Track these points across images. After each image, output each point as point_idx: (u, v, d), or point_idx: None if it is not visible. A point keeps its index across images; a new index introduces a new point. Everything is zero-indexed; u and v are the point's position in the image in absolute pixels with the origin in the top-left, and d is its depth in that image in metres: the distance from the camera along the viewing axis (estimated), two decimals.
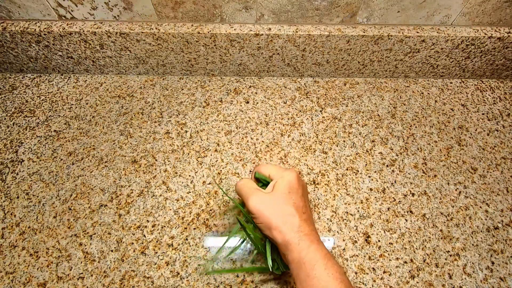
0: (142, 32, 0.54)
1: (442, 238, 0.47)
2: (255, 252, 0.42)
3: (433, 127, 0.58)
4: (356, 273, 0.44)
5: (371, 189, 0.51)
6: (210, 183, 0.51)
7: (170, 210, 0.48)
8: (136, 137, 0.55)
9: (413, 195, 0.50)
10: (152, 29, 0.54)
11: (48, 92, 0.61)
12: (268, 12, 0.54)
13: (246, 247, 0.44)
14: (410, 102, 0.61)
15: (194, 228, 0.47)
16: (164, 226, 0.47)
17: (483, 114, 0.60)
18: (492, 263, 0.45)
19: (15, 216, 0.48)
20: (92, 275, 0.43)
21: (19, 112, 0.58)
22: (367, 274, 0.44)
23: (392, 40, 0.56)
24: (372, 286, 0.43)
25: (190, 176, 0.51)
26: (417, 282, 0.43)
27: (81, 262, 0.44)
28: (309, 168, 0.53)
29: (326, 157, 0.54)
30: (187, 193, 0.50)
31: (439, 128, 0.58)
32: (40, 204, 0.49)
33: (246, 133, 0.56)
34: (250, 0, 0.52)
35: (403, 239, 0.46)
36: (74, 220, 0.47)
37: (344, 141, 0.56)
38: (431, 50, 0.58)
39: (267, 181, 0.40)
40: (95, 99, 0.60)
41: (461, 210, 0.49)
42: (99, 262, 0.44)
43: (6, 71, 0.63)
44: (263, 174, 0.41)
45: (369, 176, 0.52)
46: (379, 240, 0.46)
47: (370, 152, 0.55)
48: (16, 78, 0.63)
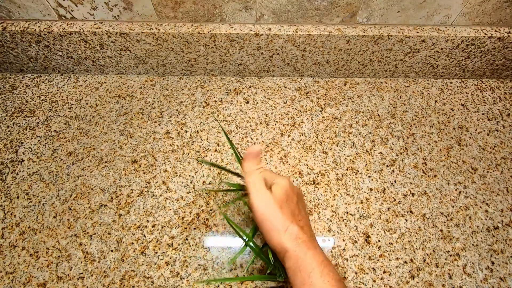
0: (142, 32, 0.54)
1: (442, 238, 0.47)
2: (253, 256, 0.42)
3: (433, 127, 0.58)
4: (356, 273, 0.44)
5: (371, 189, 0.51)
6: (210, 183, 0.51)
7: (170, 210, 0.48)
8: (136, 137, 0.55)
9: (413, 195, 0.50)
10: (152, 29, 0.54)
11: (48, 92, 0.61)
12: (268, 12, 0.54)
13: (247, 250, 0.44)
14: (410, 102, 0.61)
15: (194, 228, 0.47)
16: (164, 226, 0.47)
17: (483, 114, 0.60)
18: (492, 263, 0.45)
19: (15, 216, 0.48)
20: (92, 275, 0.43)
21: (19, 112, 0.58)
22: (367, 274, 0.44)
23: (392, 40, 0.56)
24: (372, 286, 0.43)
25: (190, 176, 0.51)
26: (417, 282, 0.43)
27: (81, 262, 0.44)
28: (309, 168, 0.53)
29: (326, 157, 0.54)
30: (187, 193, 0.50)
31: (439, 128, 0.58)
32: (40, 204, 0.49)
33: (246, 133, 0.56)
34: (250, 0, 0.52)
35: (403, 239, 0.46)
36: (74, 220, 0.47)
37: (344, 141, 0.56)
38: (431, 50, 0.58)
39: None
40: (95, 99, 0.60)
41: (461, 210, 0.49)
42: (99, 262, 0.44)
43: (6, 71, 0.63)
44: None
45: (369, 176, 0.52)
46: (379, 240, 0.46)
47: (370, 152, 0.55)
48: (16, 78, 0.63)
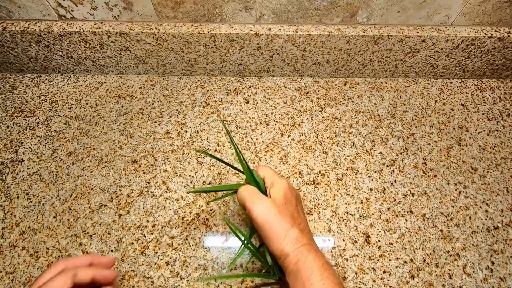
0: (142, 32, 0.54)
1: (442, 238, 0.47)
2: (250, 256, 0.42)
3: (433, 127, 0.58)
4: (356, 273, 0.44)
5: (371, 189, 0.51)
6: (210, 183, 0.51)
7: (170, 210, 0.48)
8: (136, 137, 0.55)
9: (413, 195, 0.50)
10: (152, 29, 0.54)
11: (48, 92, 0.61)
12: (268, 12, 0.54)
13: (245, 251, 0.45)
14: (410, 102, 0.61)
15: (194, 228, 0.47)
16: (164, 226, 0.47)
17: (483, 114, 0.60)
18: (492, 263, 0.45)
19: (15, 216, 0.48)
20: None
21: (19, 112, 0.58)
22: (367, 274, 0.44)
23: (392, 40, 0.56)
24: (372, 286, 0.43)
25: (190, 176, 0.51)
26: (417, 282, 0.43)
27: None
28: (309, 168, 0.53)
29: (326, 157, 0.54)
30: (187, 193, 0.50)
31: (439, 128, 0.58)
32: (40, 204, 0.49)
33: (246, 133, 0.56)
34: (250, 0, 0.52)
35: (403, 239, 0.46)
36: (74, 220, 0.47)
37: (344, 141, 0.56)
38: (431, 50, 0.58)
39: (259, 183, 0.40)
40: (95, 99, 0.60)
41: (461, 210, 0.49)
42: None
43: (6, 71, 0.63)
44: (259, 175, 0.40)
45: (369, 176, 0.52)
46: (379, 240, 0.46)
47: (370, 152, 0.55)
48: (16, 78, 0.63)
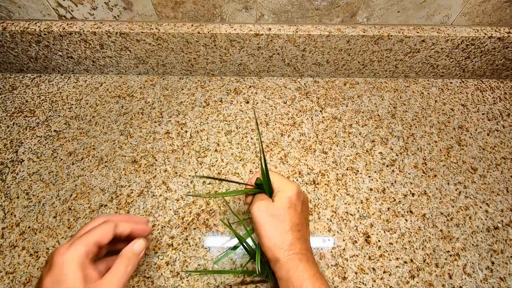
0: (142, 32, 0.54)
1: (442, 238, 0.47)
2: (249, 259, 0.42)
3: (433, 127, 0.58)
4: (356, 273, 0.44)
5: (371, 189, 0.51)
6: (210, 183, 0.51)
7: (170, 210, 0.48)
8: (136, 137, 0.55)
9: (413, 195, 0.50)
10: (152, 29, 0.54)
11: (48, 92, 0.61)
12: (268, 12, 0.54)
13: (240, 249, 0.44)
14: (410, 102, 0.61)
15: (194, 228, 0.47)
16: (164, 226, 0.47)
17: (483, 114, 0.60)
18: (492, 263, 0.45)
19: (15, 216, 0.48)
20: None
21: (19, 112, 0.58)
22: (367, 274, 0.44)
23: (392, 40, 0.56)
24: (372, 286, 0.43)
25: (190, 176, 0.51)
26: (417, 282, 0.43)
27: None
28: (309, 168, 0.53)
29: (326, 157, 0.54)
30: (187, 193, 0.50)
31: (439, 128, 0.58)
32: (40, 204, 0.49)
33: (246, 133, 0.56)
34: (250, 0, 0.52)
35: (403, 239, 0.46)
36: (74, 220, 0.47)
37: (344, 141, 0.56)
38: (431, 50, 0.58)
39: (267, 189, 0.39)
40: (95, 99, 0.60)
41: (461, 210, 0.49)
42: None
43: (6, 71, 0.63)
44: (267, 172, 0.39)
45: (369, 176, 0.52)
46: (379, 240, 0.46)
47: (370, 152, 0.55)
48: (16, 78, 0.63)
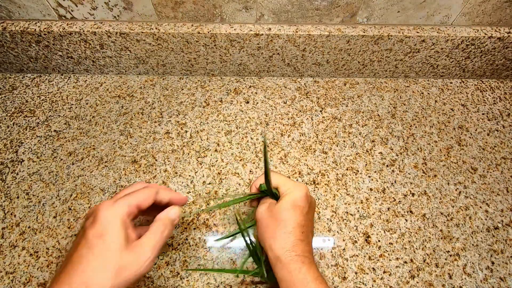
0: (142, 32, 0.54)
1: (442, 238, 0.47)
2: (248, 255, 0.42)
3: (433, 127, 0.58)
4: (356, 273, 0.44)
5: (371, 189, 0.51)
6: (210, 183, 0.51)
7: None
8: (136, 137, 0.55)
9: (413, 195, 0.50)
10: (152, 29, 0.54)
11: (48, 92, 0.61)
12: (268, 12, 0.54)
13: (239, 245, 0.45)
14: (410, 102, 0.61)
15: (194, 228, 0.47)
16: None
17: (483, 114, 0.60)
18: (492, 263, 0.45)
19: (15, 216, 0.48)
20: None
21: (19, 112, 0.58)
22: (367, 274, 0.44)
23: (392, 40, 0.56)
24: (372, 286, 0.43)
25: (190, 176, 0.51)
26: (417, 282, 0.43)
27: None
28: (309, 168, 0.53)
29: (326, 157, 0.54)
30: (187, 193, 0.50)
31: (439, 128, 0.58)
32: (40, 204, 0.49)
33: (246, 133, 0.56)
34: (250, 0, 0.52)
35: (403, 239, 0.46)
36: (74, 220, 0.47)
37: (344, 141, 0.56)
38: (431, 50, 0.58)
39: (273, 193, 0.39)
40: (95, 99, 0.60)
41: (461, 210, 0.49)
42: None
43: (6, 71, 0.63)
44: (270, 183, 0.39)
45: (369, 176, 0.52)
46: (379, 240, 0.46)
47: (370, 152, 0.55)
48: (16, 78, 0.63)
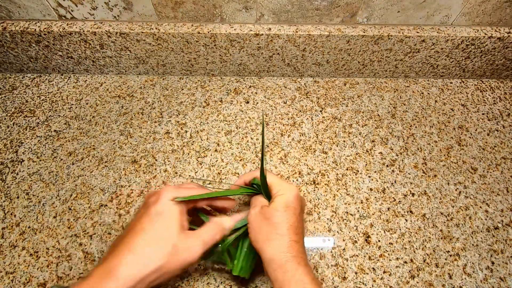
0: (142, 32, 0.54)
1: (442, 238, 0.47)
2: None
3: (433, 127, 0.58)
4: (356, 273, 0.44)
5: (371, 189, 0.51)
6: (210, 183, 0.51)
7: None
8: (136, 137, 0.55)
9: (413, 195, 0.50)
10: (152, 29, 0.54)
11: (48, 92, 0.61)
12: (268, 12, 0.54)
13: None
14: (410, 102, 0.61)
15: None
16: None
17: (483, 114, 0.60)
18: (492, 263, 0.45)
19: (15, 216, 0.48)
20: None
21: (19, 112, 0.58)
22: (367, 274, 0.44)
23: (392, 40, 0.56)
24: (372, 286, 0.43)
25: (190, 176, 0.51)
26: (417, 282, 0.43)
27: (81, 262, 0.44)
28: (309, 168, 0.53)
29: (326, 157, 0.54)
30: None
31: (439, 128, 0.58)
32: (40, 204, 0.49)
33: (246, 133, 0.56)
34: (250, 0, 0.52)
35: (403, 239, 0.46)
36: (74, 220, 0.47)
37: (344, 141, 0.56)
38: (431, 50, 0.58)
39: (267, 191, 0.39)
40: (95, 99, 0.60)
41: (461, 210, 0.49)
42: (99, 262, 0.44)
43: (6, 71, 0.63)
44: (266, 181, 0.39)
45: (369, 176, 0.52)
46: (379, 240, 0.46)
47: (370, 152, 0.55)
48: (16, 78, 0.63)
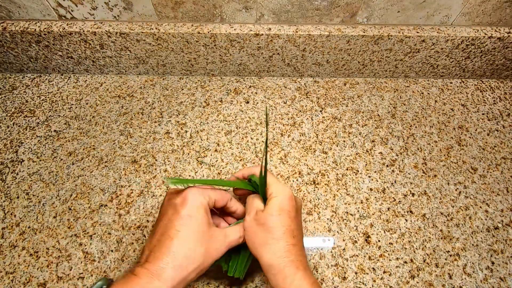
0: (142, 32, 0.54)
1: (442, 238, 0.47)
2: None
3: (433, 127, 0.58)
4: (356, 273, 0.44)
5: (371, 189, 0.51)
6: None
7: None
8: (136, 137, 0.55)
9: (413, 195, 0.50)
10: (152, 29, 0.54)
11: (48, 92, 0.61)
12: (268, 12, 0.54)
13: None
14: (410, 102, 0.61)
15: None
16: None
17: (483, 114, 0.60)
18: (492, 263, 0.45)
19: (15, 216, 0.48)
20: (92, 275, 0.43)
21: (19, 112, 0.58)
22: (367, 274, 0.44)
23: (392, 40, 0.56)
24: (372, 286, 0.43)
25: (190, 176, 0.51)
26: (417, 282, 0.43)
27: (81, 262, 0.44)
28: (309, 168, 0.53)
29: (326, 157, 0.54)
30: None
31: (439, 128, 0.58)
32: (40, 204, 0.49)
33: (246, 133, 0.56)
34: (250, 0, 0.52)
35: (403, 239, 0.46)
36: (74, 220, 0.47)
37: (344, 141, 0.56)
38: (431, 50, 0.58)
39: (264, 191, 0.39)
40: (95, 99, 0.60)
41: (461, 210, 0.49)
42: (99, 262, 0.44)
43: (6, 71, 0.63)
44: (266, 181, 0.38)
45: (369, 176, 0.52)
46: (379, 240, 0.46)
47: (370, 152, 0.55)
48: (16, 78, 0.63)
